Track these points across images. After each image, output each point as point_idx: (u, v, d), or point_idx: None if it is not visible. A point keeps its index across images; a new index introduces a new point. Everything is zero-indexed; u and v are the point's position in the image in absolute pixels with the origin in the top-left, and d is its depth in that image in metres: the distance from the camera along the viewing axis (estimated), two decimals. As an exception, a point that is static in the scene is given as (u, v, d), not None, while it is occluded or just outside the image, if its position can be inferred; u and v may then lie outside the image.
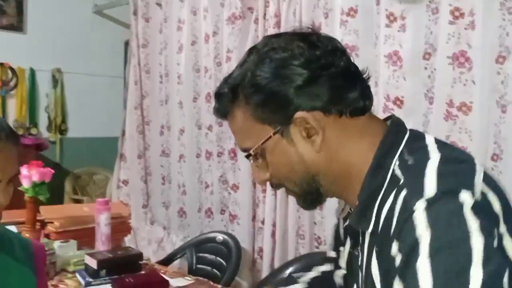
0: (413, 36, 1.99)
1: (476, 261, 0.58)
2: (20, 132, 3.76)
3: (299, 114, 0.74)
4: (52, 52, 3.93)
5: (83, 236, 1.97)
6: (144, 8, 3.37)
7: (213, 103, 2.82)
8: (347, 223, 0.83)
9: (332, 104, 0.75)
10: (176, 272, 1.94)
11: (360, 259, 0.80)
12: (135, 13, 3.42)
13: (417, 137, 0.76)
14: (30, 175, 1.80)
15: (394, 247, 0.65)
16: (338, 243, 0.96)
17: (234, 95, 0.78)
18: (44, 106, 3.98)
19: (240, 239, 2.51)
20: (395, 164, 0.73)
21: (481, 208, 0.63)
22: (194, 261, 2.47)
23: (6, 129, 0.96)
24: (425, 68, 1.98)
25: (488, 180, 0.68)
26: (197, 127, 3.07)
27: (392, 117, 0.82)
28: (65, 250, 1.81)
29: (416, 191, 0.65)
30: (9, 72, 3.73)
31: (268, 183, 0.83)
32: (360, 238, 0.79)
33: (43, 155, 3.55)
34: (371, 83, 0.81)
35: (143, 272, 1.78)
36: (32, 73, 3.86)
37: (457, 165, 0.69)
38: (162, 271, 1.86)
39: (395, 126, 0.78)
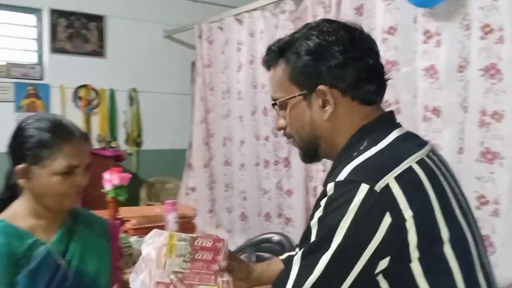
0: (447, 51, 2.10)
1: (328, 253, 0.80)
2: (102, 145, 4.15)
3: (322, 87, 0.90)
4: (128, 74, 4.28)
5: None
6: (208, 31, 3.68)
7: (269, 116, 3.13)
8: None
9: (350, 89, 0.90)
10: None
11: None
12: (200, 36, 3.73)
13: (383, 135, 0.90)
14: (111, 179, 2.15)
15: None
16: None
17: (280, 54, 0.95)
18: (122, 122, 4.33)
19: (295, 240, 2.70)
20: (358, 147, 0.89)
21: (373, 201, 0.78)
22: (253, 259, 2.71)
23: (78, 130, 1.25)
24: (460, 80, 2.07)
25: (409, 183, 0.81)
26: (256, 138, 3.30)
27: (385, 114, 0.96)
28: (140, 244, 2.10)
29: (335, 175, 0.83)
30: (92, 92, 4.14)
31: (282, 132, 1.01)
32: None
33: (122, 166, 3.91)
34: (410, 94, 1.01)
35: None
36: (112, 93, 4.23)
37: (378, 162, 0.84)
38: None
39: (377, 122, 0.93)
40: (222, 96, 3.63)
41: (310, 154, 0.99)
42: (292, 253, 1.27)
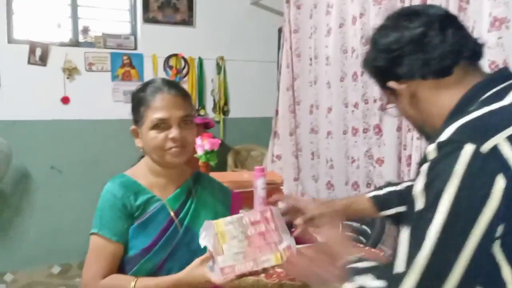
0: None
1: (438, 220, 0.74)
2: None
3: (396, 83, 0.95)
4: (216, 42, 4.33)
5: (244, 198, 2.29)
6: (296, -4, 3.61)
7: (360, 82, 3.01)
8: None
9: (425, 73, 0.91)
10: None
11: None
12: (287, 1, 3.66)
13: (499, 94, 0.84)
14: (202, 145, 2.19)
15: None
16: None
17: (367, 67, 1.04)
18: (210, 90, 4.42)
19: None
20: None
21: (481, 164, 0.72)
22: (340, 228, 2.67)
23: (171, 84, 1.28)
24: None
25: None
26: (344, 105, 3.21)
27: (493, 73, 0.91)
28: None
29: (440, 134, 0.80)
30: (182, 61, 4.25)
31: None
32: None
33: (210, 133, 4.02)
34: None
35: (293, 230, 2.04)
36: (200, 61, 4.30)
37: (485, 121, 0.77)
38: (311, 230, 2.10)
39: (486, 81, 0.88)
40: (309, 63, 3.56)
41: (425, 136, 1.02)
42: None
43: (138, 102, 1.26)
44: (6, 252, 3.66)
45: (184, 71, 4.27)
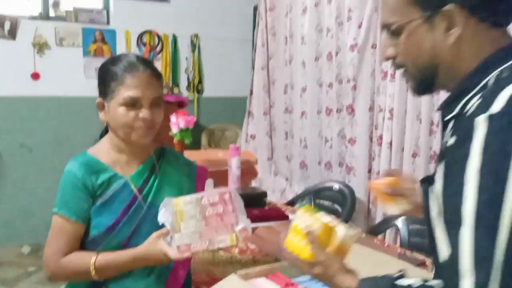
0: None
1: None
2: (165, 91, 4.24)
3: (450, 6, 0.81)
4: (190, 19, 4.26)
5: (218, 176, 2.30)
6: (272, -27, 3.59)
7: (334, 62, 3.00)
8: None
9: (480, 9, 0.81)
10: (295, 210, 2.20)
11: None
12: (263, -21, 3.65)
13: None
14: (177, 123, 2.18)
15: (451, 140, 0.75)
16: None
17: None
18: (184, 68, 4.36)
19: (356, 190, 2.67)
20: (493, 75, 0.79)
21: None
22: (312, 206, 2.72)
23: (146, 64, 1.26)
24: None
25: None
26: (318, 85, 3.23)
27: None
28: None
29: (487, 103, 0.72)
30: (156, 38, 4.18)
31: (390, 62, 0.90)
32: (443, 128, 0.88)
33: (185, 110, 3.98)
34: None
35: (266, 207, 2.07)
36: (174, 38, 4.24)
37: None
38: (283, 209, 2.14)
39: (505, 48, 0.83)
40: (284, 42, 3.56)
41: (425, 85, 0.89)
42: None
43: (110, 76, 1.23)
44: (-26, 230, 3.60)
45: (158, 48, 4.21)
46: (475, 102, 0.76)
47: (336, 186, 2.67)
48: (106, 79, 1.25)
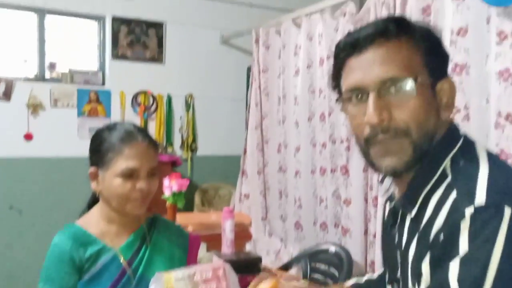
0: (525, 52, 1.97)
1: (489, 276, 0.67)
2: (159, 151, 4.24)
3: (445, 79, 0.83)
4: (185, 80, 4.33)
5: (211, 240, 2.25)
6: (265, 36, 3.66)
7: (327, 123, 2.99)
8: (391, 205, 0.92)
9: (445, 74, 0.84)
10: (291, 276, 2.12)
11: (397, 239, 0.87)
12: (256, 41, 3.72)
13: (470, 144, 0.82)
14: (170, 186, 2.14)
15: (437, 236, 0.73)
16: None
17: (405, 29, 0.82)
18: (178, 128, 4.39)
19: (353, 252, 2.60)
20: (446, 163, 0.79)
21: None
22: (309, 270, 2.64)
23: (144, 135, 1.25)
24: (539, 84, 1.94)
25: None
26: (312, 145, 3.23)
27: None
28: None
29: (467, 196, 0.72)
30: (151, 98, 4.22)
31: (380, 127, 0.81)
32: (399, 219, 0.86)
33: (177, 171, 3.96)
34: (482, 100, 0.92)
35: (261, 274, 2.00)
36: (169, 98, 4.29)
37: (505, 179, 0.75)
38: (278, 275, 2.06)
39: (454, 129, 0.84)
40: (277, 102, 3.59)
41: (420, 155, 0.80)
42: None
43: (106, 145, 1.22)
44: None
45: (152, 108, 4.24)
46: (440, 193, 0.76)
47: (332, 248, 2.60)
48: (102, 148, 1.22)
